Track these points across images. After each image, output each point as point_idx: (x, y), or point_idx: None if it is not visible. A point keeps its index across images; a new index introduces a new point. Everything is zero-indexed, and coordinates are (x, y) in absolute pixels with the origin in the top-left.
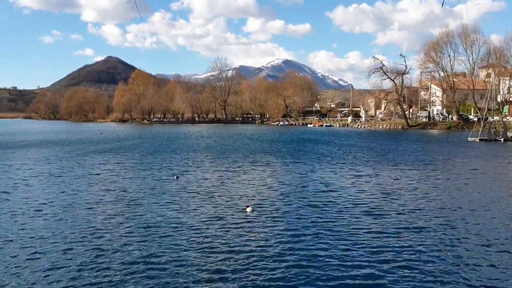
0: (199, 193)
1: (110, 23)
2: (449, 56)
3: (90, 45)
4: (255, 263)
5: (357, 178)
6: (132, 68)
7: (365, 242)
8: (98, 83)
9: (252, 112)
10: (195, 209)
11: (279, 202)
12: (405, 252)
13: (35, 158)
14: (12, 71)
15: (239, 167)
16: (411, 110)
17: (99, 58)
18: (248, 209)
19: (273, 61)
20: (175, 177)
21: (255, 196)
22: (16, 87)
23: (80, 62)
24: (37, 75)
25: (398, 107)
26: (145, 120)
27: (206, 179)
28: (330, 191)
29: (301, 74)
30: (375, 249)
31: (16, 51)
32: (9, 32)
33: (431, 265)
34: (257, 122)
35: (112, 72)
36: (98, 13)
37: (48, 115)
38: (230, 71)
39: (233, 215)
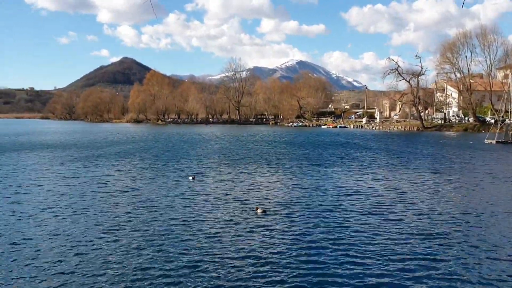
0: (211, 194)
1: (125, 24)
2: (466, 57)
3: (106, 46)
4: (265, 266)
5: (373, 181)
6: (147, 69)
7: (380, 247)
8: (114, 83)
9: (266, 113)
10: (207, 210)
11: (292, 205)
12: (425, 259)
13: (49, 159)
14: (29, 72)
15: (254, 170)
16: (426, 111)
17: (115, 59)
18: (259, 210)
19: (287, 62)
20: (191, 178)
21: (267, 198)
22: (33, 88)
23: (96, 63)
24: (54, 75)
25: (414, 108)
26: (160, 121)
27: (220, 180)
28: (346, 195)
29: (315, 75)
30: (393, 256)
31: (33, 52)
32: (26, 33)
33: (452, 274)
34: (270, 123)
35: (127, 73)
36: (113, 14)
37: (64, 116)
38: (244, 72)
39: (244, 216)
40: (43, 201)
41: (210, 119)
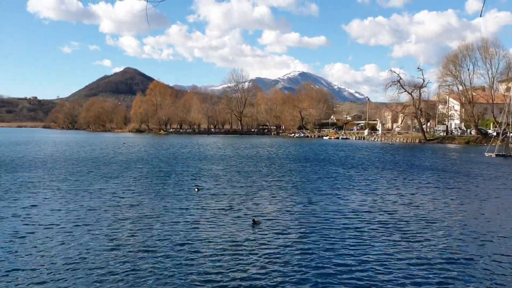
0: (213, 205)
1: (128, 35)
2: (468, 69)
3: (108, 56)
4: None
5: (374, 196)
6: (150, 79)
7: (383, 260)
8: (117, 93)
9: (268, 124)
10: (209, 221)
11: (293, 219)
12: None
13: (52, 173)
14: (32, 81)
15: (256, 183)
16: (428, 123)
17: (117, 69)
18: (255, 222)
19: (289, 73)
20: (196, 189)
21: (267, 211)
22: (36, 97)
23: (98, 73)
24: (56, 85)
25: (416, 120)
26: (162, 131)
27: (223, 194)
28: (350, 210)
29: (317, 86)
30: (397, 277)
31: (36, 61)
32: (29, 42)
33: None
34: (272, 133)
35: (130, 83)
36: (115, 24)
37: (66, 125)
38: (246, 83)
39: (240, 227)
40: (40, 216)
41: (212, 129)
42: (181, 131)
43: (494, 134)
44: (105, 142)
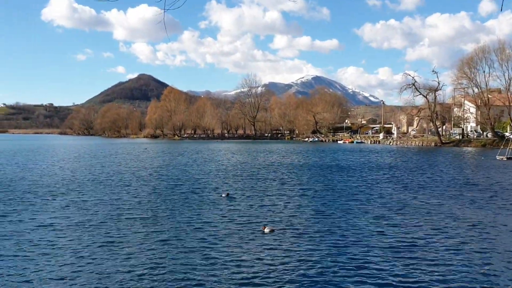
0: (242, 212)
1: (141, 41)
2: (484, 72)
3: (122, 62)
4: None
5: (392, 204)
6: (164, 85)
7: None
8: (131, 99)
9: (281, 128)
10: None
11: (306, 226)
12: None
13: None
14: (48, 88)
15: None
16: (444, 127)
17: (130, 75)
18: (266, 230)
19: (303, 77)
20: (224, 194)
21: (279, 218)
22: (52, 104)
23: (112, 79)
24: (72, 92)
25: (431, 124)
26: (176, 136)
27: (250, 200)
28: (369, 220)
29: (331, 90)
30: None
31: (51, 69)
32: (44, 50)
33: None
34: (286, 138)
35: (144, 89)
36: (128, 31)
37: (82, 131)
38: (259, 88)
39: (251, 235)
40: (73, 215)
41: (226, 135)
42: (195, 136)
43: (511, 137)
44: (127, 148)
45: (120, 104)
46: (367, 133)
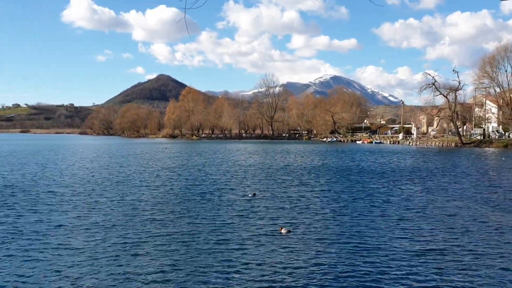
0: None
1: (159, 42)
2: (506, 71)
3: (141, 63)
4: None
5: (413, 207)
6: (182, 85)
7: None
8: (150, 100)
9: (299, 128)
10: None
11: (324, 227)
12: None
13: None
14: (69, 89)
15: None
16: (465, 127)
17: (149, 76)
18: (283, 231)
19: (321, 77)
20: (250, 194)
21: (297, 219)
22: (73, 104)
23: (131, 80)
24: (92, 92)
25: (451, 124)
26: (194, 136)
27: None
28: (391, 225)
29: (350, 89)
30: None
31: (72, 69)
32: (65, 52)
33: None
34: (304, 138)
35: (163, 90)
36: (147, 32)
37: (102, 131)
38: (277, 88)
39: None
40: (93, 210)
41: (243, 135)
42: (213, 136)
43: None
44: (147, 148)
45: (139, 104)
46: (386, 133)
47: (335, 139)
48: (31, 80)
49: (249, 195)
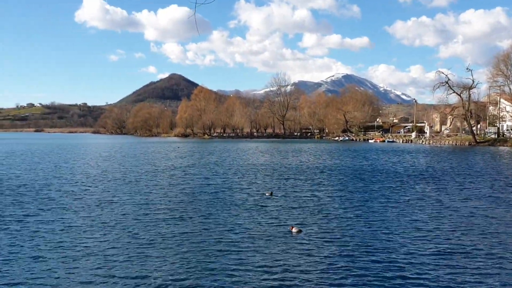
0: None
1: (171, 42)
2: None
3: (153, 62)
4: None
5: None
6: (194, 84)
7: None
8: (162, 99)
9: (311, 127)
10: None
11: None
12: None
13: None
14: (82, 88)
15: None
16: (478, 125)
17: (161, 75)
18: (294, 230)
19: (333, 75)
20: (267, 193)
21: (309, 219)
22: (86, 103)
23: (144, 79)
24: (105, 91)
25: (465, 122)
26: (206, 135)
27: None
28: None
29: (362, 88)
30: None
31: (85, 69)
32: (78, 51)
33: None
34: (316, 137)
35: (175, 89)
36: (159, 32)
37: (115, 130)
38: (288, 86)
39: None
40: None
41: (255, 133)
42: (225, 135)
43: None
44: (159, 147)
45: (151, 103)
46: (399, 132)
47: (347, 138)
48: (45, 79)
49: (266, 194)
